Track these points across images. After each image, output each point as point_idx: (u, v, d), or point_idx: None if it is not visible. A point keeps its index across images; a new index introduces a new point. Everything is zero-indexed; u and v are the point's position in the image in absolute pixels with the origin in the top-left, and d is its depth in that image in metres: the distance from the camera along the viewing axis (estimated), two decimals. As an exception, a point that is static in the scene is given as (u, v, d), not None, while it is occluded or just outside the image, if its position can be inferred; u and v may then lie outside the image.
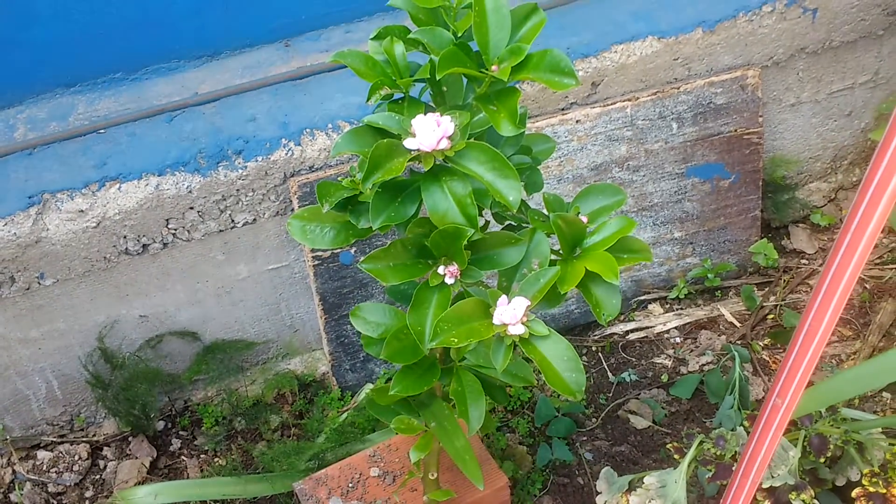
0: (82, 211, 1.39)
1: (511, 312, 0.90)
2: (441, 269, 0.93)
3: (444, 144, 0.86)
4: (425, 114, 0.87)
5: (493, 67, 0.91)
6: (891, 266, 1.88)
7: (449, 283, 0.93)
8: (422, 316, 0.93)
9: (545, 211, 1.03)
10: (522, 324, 0.91)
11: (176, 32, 1.52)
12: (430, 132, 0.86)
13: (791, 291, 1.86)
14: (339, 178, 1.00)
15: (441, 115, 0.87)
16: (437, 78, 0.89)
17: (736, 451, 1.33)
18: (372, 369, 1.69)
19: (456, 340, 0.88)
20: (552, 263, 0.96)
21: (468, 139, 0.90)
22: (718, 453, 1.33)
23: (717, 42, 1.67)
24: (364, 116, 0.91)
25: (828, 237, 1.99)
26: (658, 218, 1.79)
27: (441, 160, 0.88)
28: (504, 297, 0.91)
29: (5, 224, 1.37)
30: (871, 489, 1.23)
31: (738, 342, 1.76)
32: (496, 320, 0.90)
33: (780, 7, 1.68)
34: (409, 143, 0.86)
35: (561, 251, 0.98)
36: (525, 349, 0.92)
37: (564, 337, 1.81)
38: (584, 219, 1.00)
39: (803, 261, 1.93)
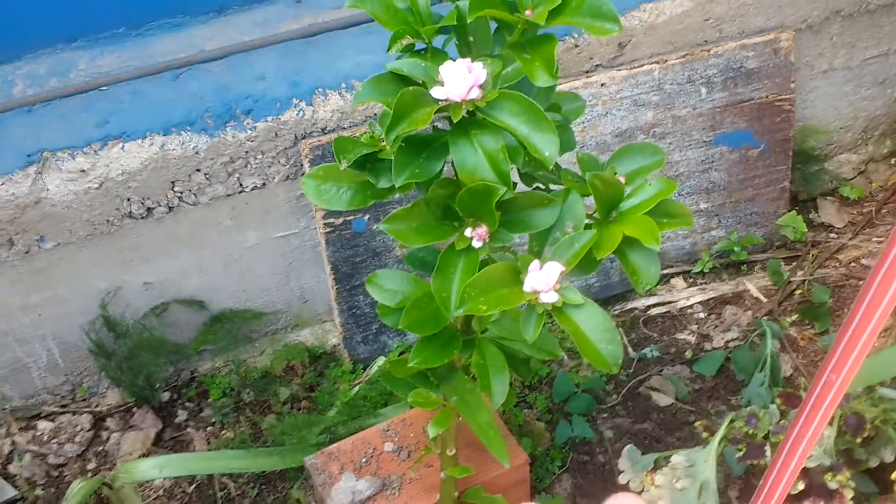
0: (84, 171, 1.33)
1: (543, 279, 0.84)
2: (468, 232, 0.86)
3: (476, 94, 0.79)
4: (455, 61, 0.80)
5: (528, 12, 0.84)
6: (924, 241, 1.81)
7: (476, 247, 0.86)
8: (447, 282, 0.86)
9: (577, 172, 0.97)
10: (555, 291, 0.84)
11: (181, -14, 1.45)
12: (461, 80, 0.78)
13: (819, 266, 1.79)
14: (357, 135, 0.93)
15: (472, 62, 0.80)
16: (469, 20, 0.82)
17: (769, 430, 1.27)
18: (385, 342, 1.63)
19: (485, 308, 0.82)
20: (587, 227, 0.89)
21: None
22: (750, 432, 1.27)
23: (750, 2, 1.59)
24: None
25: (857, 210, 1.92)
26: (684, 188, 1.71)
27: (470, 112, 0.81)
28: (536, 262, 0.84)
29: (3, 183, 1.30)
30: (912, 472, 1.17)
31: (765, 318, 1.69)
32: (527, 287, 0.84)
33: (818, -34, 1.60)
34: (436, 91, 0.79)
35: (596, 214, 0.91)
36: (558, 319, 0.85)
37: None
38: (622, 179, 0.93)
39: (832, 234, 1.86)
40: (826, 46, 1.76)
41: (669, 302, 1.75)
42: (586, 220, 0.92)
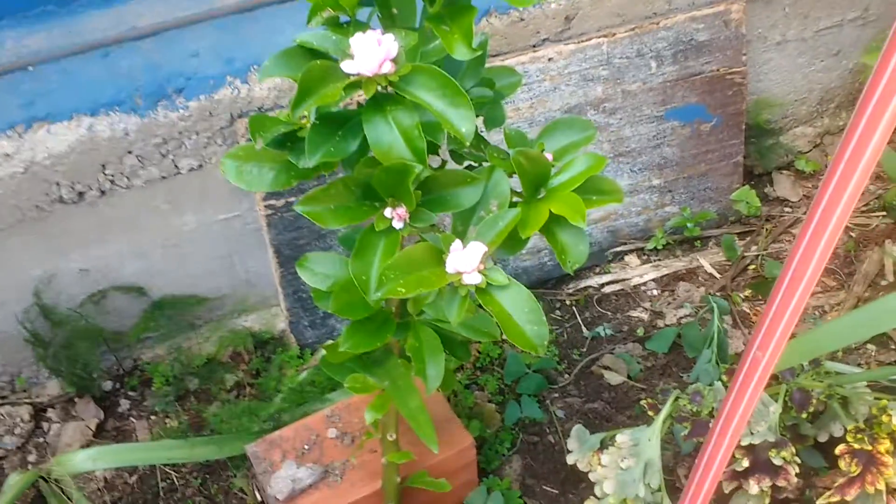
0: (8, 155, 1.28)
1: (466, 259, 0.81)
2: (388, 212, 0.83)
3: (388, 68, 0.76)
4: (365, 32, 0.77)
5: (447, -19, 0.80)
6: (877, 214, 1.81)
7: (397, 228, 0.83)
8: (367, 264, 0.83)
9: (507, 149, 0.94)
10: (479, 272, 0.82)
11: (113, -40, 1.39)
12: (371, 53, 0.75)
13: (773, 241, 1.78)
14: (276, 113, 0.89)
15: (383, 34, 0.76)
16: (381, -8, 0.78)
17: (713, 407, 1.26)
18: (333, 325, 1.60)
19: (403, 290, 0.79)
20: (513, 205, 0.86)
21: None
22: (695, 409, 1.26)
23: (699, -27, 1.56)
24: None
25: (812, 184, 1.91)
26: (636, 164, 1.69)
27: (385, 87, 0.78)
28: (458, 242, 0.81)
29: (-78, 169, 1.25)
30: (856, 446, 1.17)
31: (718, 294, 1.68)
32: (450, 268, 0.81)
33: (768, -65, 1.57)
34: (347, 65, 0.76)
35: (523, 192, 0.88)
36: (482, 300, 0.83)
37: (537, 290, 1.71)
38: (550, 156, 0.90)
39: (786, 209, 1.85)
40: (779, 18, 1.74)
41: (623, 279, 1.73)
42: (516, 199, 0.90)
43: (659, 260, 1.76)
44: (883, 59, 0.67)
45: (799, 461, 1.21)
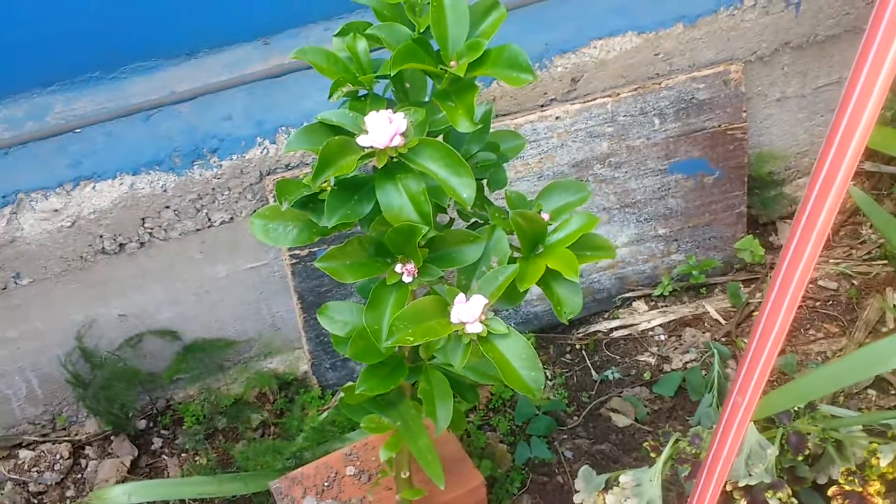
0: (57, 210, 1.39)
1: (469, 311, 0.89)
2: (398, 268, 0.92)
3: (398, 141, 0.86)
4: (378, 111, 0.87)
5: (452, 63, 0.90)
6: (878, 262, 1.87)
7: (406, 282, 0.92)
8: (379, 315, 0.92)
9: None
10: (481, 322, 0.90)
11: (155, 31, 1.52)
12: (383, 129, 0.85)
13: (777, 288, 1.84)
14: (301, 177, 0.99)
15: (394, 112, 0.86)
16: (392, 73, 0.88)
17: (712, 450, 1.31)
18: (353, 368, 1.68)
19: (412, 339, 0.88)
20: (512, 261, 0.95)
21: (430, 136, 0.89)
22: (694, 451, 1.32)
23: (698, 37, 1.66)
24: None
25: (816, 233, 1.97)
26: (642, 215, 1.77)
27: (396, 157, 0.88)
28: (462, 295, 0.90)
29: (-21, 224, 1.37)
30: (848, 488, 1.22)
31: (723, 339, 1.75)
32: (454, 318, 0.90)
33: (763, 1, 1.66)
34: (362, 140, 0.86)
35: (521, 249, 0.97)
36: (483, 348, 0.91)
37: (548, 335, 1.79)
38: (546, 216, 0.99)
39: (790, 257, 1.92)
40: (778, 76, 1.83)
41: (631, 325, 1.80)
42: (516, 254, 0.99)
43: (666, 306, 1.83)
44: (838, 113, 0.75)
45: (796, 502, 1.27)
